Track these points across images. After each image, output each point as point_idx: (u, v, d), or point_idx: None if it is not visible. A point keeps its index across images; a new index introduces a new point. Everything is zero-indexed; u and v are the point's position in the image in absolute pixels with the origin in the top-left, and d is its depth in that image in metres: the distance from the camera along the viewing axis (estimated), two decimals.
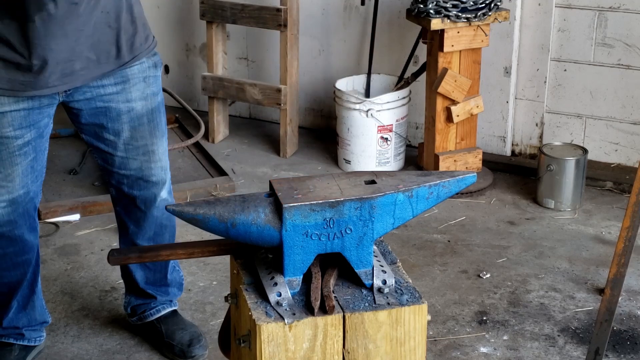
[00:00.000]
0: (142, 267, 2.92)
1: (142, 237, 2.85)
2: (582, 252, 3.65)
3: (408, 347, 1.73)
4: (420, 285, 3.35)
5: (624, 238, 2.65)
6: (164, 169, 2.76)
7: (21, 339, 2.89)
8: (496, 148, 4.54)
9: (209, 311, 3.24)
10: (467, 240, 3.76)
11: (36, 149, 2.56)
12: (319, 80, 4.86)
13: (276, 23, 4.43)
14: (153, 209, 2.79)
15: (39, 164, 2.61)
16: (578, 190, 4.03)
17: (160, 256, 1.96)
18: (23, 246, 2.71)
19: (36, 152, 2.57)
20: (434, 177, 1.79)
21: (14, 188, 2.56)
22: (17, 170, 2.54)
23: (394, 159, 4.39)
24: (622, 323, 3.14)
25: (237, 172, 4.44)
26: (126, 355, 3.00)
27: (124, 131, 2.63)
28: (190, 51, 5.21)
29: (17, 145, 2.50)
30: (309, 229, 1.70)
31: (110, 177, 2.75)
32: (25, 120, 2.49)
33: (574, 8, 4.24)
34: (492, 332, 3.10)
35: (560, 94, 4.39)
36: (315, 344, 1.68)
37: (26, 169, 2.55)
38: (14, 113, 2.46)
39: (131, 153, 2.66)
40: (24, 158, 2.53)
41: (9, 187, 2.55)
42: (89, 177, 4.32)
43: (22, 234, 2.68)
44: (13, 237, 2.66)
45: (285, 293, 1.70)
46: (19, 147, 2.51)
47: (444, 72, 4.04)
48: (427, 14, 3.90)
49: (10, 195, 2.57)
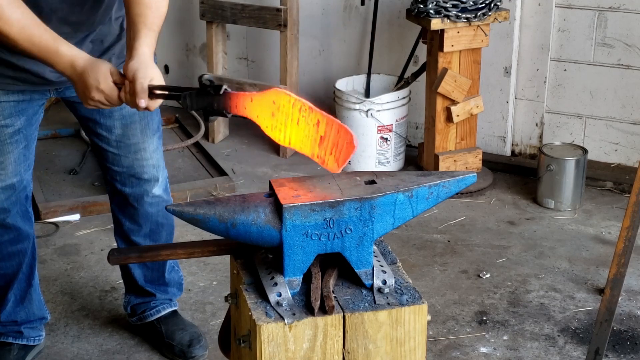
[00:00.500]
0: (141, 265, 2.93)
1: (138, 234, 2.87)
2: (582, 252, 3.65)
3: (408, 347, 1.73)
4: (420, 285, 3.35)
5: (624, 238, 2.65)
6: (156, 167, 2.77)
7: (20, 338, 2.90)
8: (496, 148, 4.54)
9: (209, 311, 3.24)
10: (467, 240, 3.76)
11: (27, 137, 2.59)
12: (319, 80, 4.87)
13: (276, 23, 4.43)
14: (145, 205, 2.81)
15: (30, 152, 2.64)
16: (578, 190, 4.03)
17: (160, 256, 1.96)
18: (18, 234, 2.73)
19: (27, 140, 2.60)
20: (434, 177, 1.79)
21: (7, 176, 2.58)
22: (10, 158, 2.56)
23: (394, 159, 4.39)
24: (622, 323, 3.14)
25: (237, 172, 4.44)
26: (126, 356, 3.00)
27: (116, 128, 2.65)
28: (190, 51, 5.21)
29: (8, 134, 2.53)
30: (309, 229, 1.70)
31: (106, 172, 2.80)
32: (15, 109, 2.51)
33: (574, 8, 4.24)
34: (492, 332, 3.10)
35: (560, 94, 4.39)
36: (315, 344, 1.68)
37: (18, 157, 2.58)
38: (4, 103, 2.49)
39: (123, 150, 2.69)
40: (15, 146, 2.55)
41: (2, 175, 2.58)
42: (89, 177, 4.32)
43: (16, 221, 2.70)
44: (7, 225, 2.69)
45: (285, 293, 1.70)
46: (10, 135, 2.53)
47: (444, 72, 4.04)
48: (427, 14, 3.90)
49: (3, 183, 2.59)
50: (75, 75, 2.11)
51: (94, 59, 2.13)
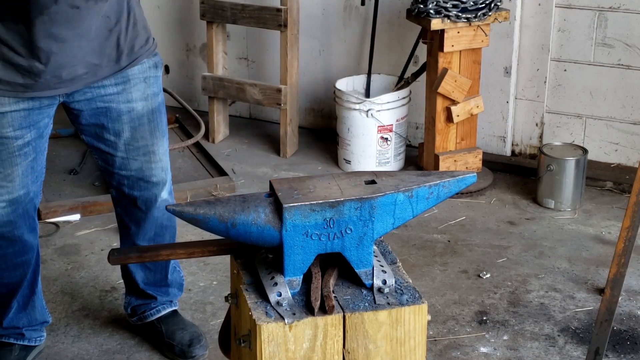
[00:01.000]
0: (143, 268, 2.92)
1: (143, 238, 2.85)
2: (582, 252, 3.65)
3: (408, 347, 1.73)
4: (420, 285, 3.35)
5: (624, 238, 2.65)
6: (165, 170, 2.75)
7: (21, 339, 2.89)
8: (496, 148, 4.54)
9: (209, 311, 3.24)
10: (467, 240, 3.76)
11: (36, 149, 2.56)
12: (319, 80, 4.87)
13: (276, 23, 4.43)
14: (154, 209, 2.78)
15: (38, 165, 2.61)
16: (578, 190, 4.03)
17: (161, 256, 1.96)
18: (23, 247, 2.71)
19: (36, 153, 2.57)
20: (434, 177, 1.79)
21: (14, 188, 2.56)
22: (17, 170, 2.53)
23: (394, 159, 4.39)
24: (622, 323, 3.14)
25: (237, 172, 4.44)
26: (126, 355, 3.00)
27: (125, 132, 2.62)
28: (190, 51, 5.21)
29: (17, 146, 2.50)
30: (309, 229, 1.70)
31: (111, 178, 2.75)
32: (25, 121, 2.48)
33: (574, 8, 4.24)
34: (492, 332, 3.10)
35: (560, 94, 4.39)
36: (316, 344, 1.68)
37: (26, 169, 2.55)
38: (14, 113, 2.46)
39: (132, 154, 2.66)
40: (24, 158, 2.53)
41: (9, 188, 2.55)
42: (89, 177, 4.32)
43: (22, 234, 2.67)
44: (13, 237, 2.66)
45: (285, 293, 1.70)
46: (19, 148, 2.51)
47: (444, 72, 4.04)
48: (427, 14, 3.90)
49: (10, 196, 2.56)
50: None
51: None
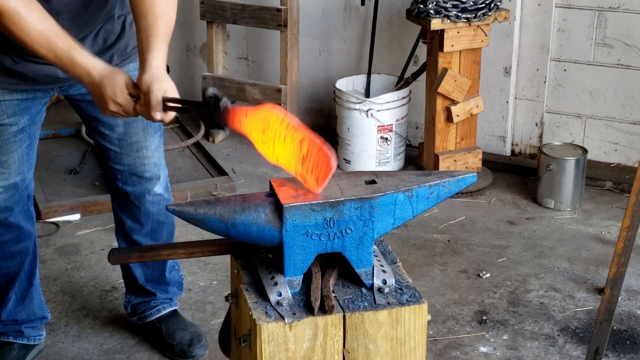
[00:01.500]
0: (141, 264, 2.94)
1: (140, 233, 2.88)
2: (582, 252, 3.66)
3: (408, 347, 1.73)
4: (420, 285, 3.35)
5: (623, 238, 2.65)
6: (157, 165, 2.78)
7: (21, 338, 2.90)
8: (496, 148, 4.54)
9: (209, 311, 3.24)
10: (467, 240, 3.76)
11: (30, 136, 2.60)
12: (319, 80, 4.87)
13: (276, 23, 4.43)
14: (146, 204, 2.82)
15: (32, 151, 2.65)
16: (578, 190, 4.03)
17: (161, 256, 1.96)
18: (20, 233, 2.74)
19: (30, 139, 2.61)
20: (434, 177, 1.79)
21: (10, 174, 2.60)
22: (14, 157, 2.57)
23: (394, 159, 4.39)
24: (622, 323, 3.14)
25: (238, 172, 4.44)
26: (126, 355, 3.00)
27: (118, 126, 2.66)
28: (190, 51, 5.22)
29: (12, 132, 2.53)
30: (309, 229, 1.70)
31: (107, 171, 2.81)
32: (19, 107, 2.52)
33: (574, 8, 4.24)
34: (492, 332, 3.11)
35: (560, 94, 4.40)
36: (316, 344, 1.68)
37: (22, 155, 2.59)
38: (8, 102, 2.50)
39: (124, 149, 2.70)
40: (19, 145, 2.57)
41: (6, 174, 2.59)
42: (89, 177, 4.32)
43: (18, 220, 2.72)
44: (9, 224, 2.70)
45: (285, 293, 1.70)
46: (14, 134, 2.54)
47: (444, 72, 4.04)
48: (427, 14, 3.90)
49: (7, 182, 2.60)
50: (92, 86, 2.12)
51: (110, 70, 2.12)
